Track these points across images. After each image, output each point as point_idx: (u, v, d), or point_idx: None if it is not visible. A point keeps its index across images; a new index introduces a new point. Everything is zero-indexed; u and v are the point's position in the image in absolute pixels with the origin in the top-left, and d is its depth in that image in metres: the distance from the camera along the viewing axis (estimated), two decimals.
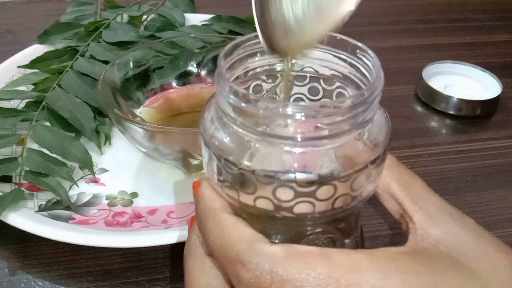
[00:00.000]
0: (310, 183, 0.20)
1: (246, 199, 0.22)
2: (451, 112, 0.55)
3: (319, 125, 0.20)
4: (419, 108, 0.57)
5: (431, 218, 0.22)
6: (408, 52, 0.68)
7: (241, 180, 0.21)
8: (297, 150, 0.20)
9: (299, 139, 0.20)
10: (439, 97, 0.55)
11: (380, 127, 0.22)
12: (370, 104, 0.20)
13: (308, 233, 0.23)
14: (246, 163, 0.21)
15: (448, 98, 0.55)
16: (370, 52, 0.23)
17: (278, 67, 0.25)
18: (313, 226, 0.23)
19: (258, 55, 0.24)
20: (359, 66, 0.23)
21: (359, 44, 0.23)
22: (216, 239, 0.22)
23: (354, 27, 0.72)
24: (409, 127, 0.54)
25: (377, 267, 0.20)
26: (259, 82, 0.25)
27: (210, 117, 0.23)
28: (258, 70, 0.25)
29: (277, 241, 0.21)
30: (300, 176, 0.20)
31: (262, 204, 0.21)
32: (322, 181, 0.20)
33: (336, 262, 0.20)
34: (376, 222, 0.42)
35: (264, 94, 0.26)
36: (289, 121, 0.20)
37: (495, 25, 0.77)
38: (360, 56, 0.23)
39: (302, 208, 0.21)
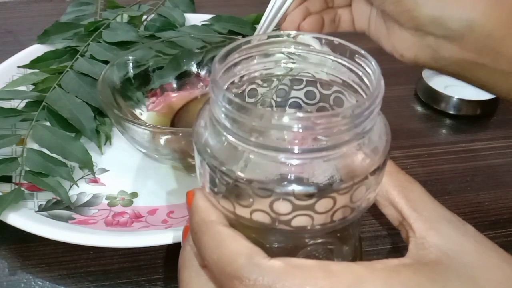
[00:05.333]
0: (308, 196, 0.19)
1: (242, 212, 0.21)
2: (451, 112, 0.55)
3: (317, 136, 0.19)
4: (419, 108, 0.57)
5: (432, 227, 0.22)
6: None
7: (237, 192, 0.20)
8: (295, 161, 0.19)
9: (296, 151, 0.19)
10: (439, 97, 0.55)
11: (380, 135, 0.22)
12: (370, 114, 0.20)
13: (306, 244, 0.22)
14: (242, 175, 0.20)
15: (448, 98, 0.55)
16: (370, 58, 0.22)
17: (274, 71, 0.25)
18: (311, 237, 0.22)
19: (254, 59, 0.24)
20: (358, 72, 0.22)
21: (359, 50, 0.22)
22: (212, 253, 0.21)
23: None
24: (409, 127, 0.54)
25: (380, 281, 0.19)
26: (254, 86, 0.25)
27: (203, 123, 0.22)
28: (253, 74, 0.24)
29: (274, 253, 0.21)
30: (298, 189, 0.19)
31: (259, 217, 0.21)
32: (321, 193, 0.19)
33: (337, 276, 0.19)
34: (376, 222, 0.42)
35: (260, 98, 0.25)
36: (286, 132, 0.19)
37: None
38: (360, 62, 0.22)
39: (300, 221, 0.20)
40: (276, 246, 0.23)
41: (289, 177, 0.20)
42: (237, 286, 0.20)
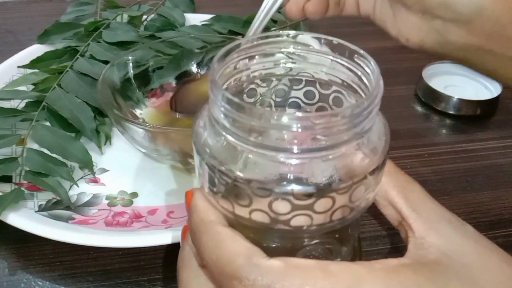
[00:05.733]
0: (307, 195, 0.19)
1: (241, 211, 0.21)
2: (451, 112, 0.55)
3: (316, 136, 0.19)
4: (419, 108, 0.57)
5: (431, 227, 0.22)
6: (408, 52, 0.67)
7: (236, 192, 0.20)
8: (294, 161, 0.19)
9: (295, 151, 0.19)
10: (439, 97, 0.55)
11: (379, 135, 0.22)
12: (369, 113, 0.20)
13: (305, 244, 0.22)
14: (241, 174, 0.20)
15: (448, 98, 0.55)
16: (369, 58, 0.22)
17: (273, 71, 0.25)
18: (310, 237, 0.22)
19: (253, 59, 0.24)
20: (358, 71, 0.22)
21: (358, 49, 0.22)
22: (211, 253, 0.21)
23: (354, 27, 0.72)
24: (409, 127, 0.54)
25: (379, 281, 0.19)
26: (253, 86, 0.25)
27: (202, 123, 0.22)
28: (252, 74, 0.24)
29: (273, 253, 0.21)
30: (297, 188, 0.19)
31: (258, 217, 0.21)
32: (320, 193, 0.20)
33: (336, 277, 0.19)
34: (376, 222, 0.42)
35: (259, 98, 0.25)
36: (285, 131, 0.19)
37: None
38: (359, 62, 0.22)
39: (299, 221, 0.20)
40: (275, 246, 0.23)
41: (288, 176, 0.20)
42: (236, 286, 0.20)
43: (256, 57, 0.24)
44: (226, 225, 0.22)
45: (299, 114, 0.19)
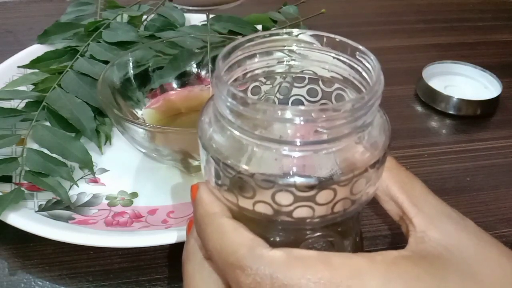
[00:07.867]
0: (309, 187, 0.20)
1: (245, 203, 0.21)
2: (451, 112, 0.55)
3: (318, 129, 0.20)
4: (419, 108, 0.57)
5: (432, 222, 0.22)
6: (408, 52, 0.68)
7: (240, 184, 0.21)
8: (297, 154, 0.20)
9: (298, 143, 0.20)
10: (439, 97, 0.55)
11: (380, 130, 0.22)
12: (370, 108, 0.20)
13: (308, 236, 0.23)
14: (245, 167, 0.21)
15: (448, 98, 0.55)
16: (370, 54, 0.22)
17: (276, 68, 0.25)
18: (312, 230, 0.23)
19: (257, 56, 0.24)
20: (359, 68, 0.23)
21: (359, 46, 0.23)
22: (215, 244, 0.22)
23: (354, 27, 0.72)
24: (409, 127, 0.54)
25: (379, 273, 0.20)
26: (257, 83, 0.25)
27: (208, 119, 0.23)
28: (256, 71, 0.25)
29: (276, 244, 0.21)
30: (299, 180, 0.20)
31: (261, 208, 0.21)
32: (321, 185, 0.20)
33: (337, 267, 0.20)
34: (376, 222, 0.42)
35: (263, 96, 0.26)
36: (288, 124, 0.20)
37: (495, 25, 0.77)
38: (360, 59, 0.23)
39: (301, 212, 0.21)
40: (278, 238, 0.23)
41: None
42: (240, 275, 0.20)
43: (260, 55, 0.24)
44: (230, 217, 0.22)
45: (302, 108, 0.20)
